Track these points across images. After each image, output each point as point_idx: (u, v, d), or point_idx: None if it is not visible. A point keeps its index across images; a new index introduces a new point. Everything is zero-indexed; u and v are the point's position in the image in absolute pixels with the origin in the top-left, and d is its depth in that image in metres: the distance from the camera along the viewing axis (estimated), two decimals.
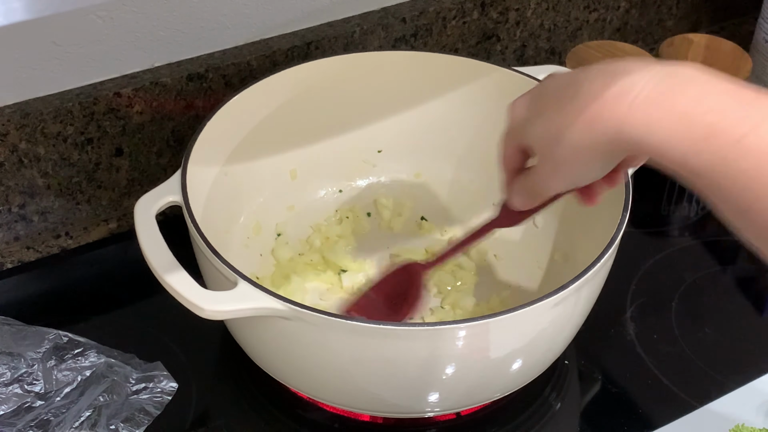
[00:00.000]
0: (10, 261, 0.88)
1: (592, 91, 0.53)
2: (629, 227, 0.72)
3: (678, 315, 0.85)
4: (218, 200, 0.81)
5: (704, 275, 0.90)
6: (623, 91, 0.52)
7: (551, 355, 0.74)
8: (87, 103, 0.85)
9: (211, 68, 0.89)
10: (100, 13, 0.83)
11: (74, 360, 0.76)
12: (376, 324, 0.63)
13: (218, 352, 0.81)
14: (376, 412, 0.74)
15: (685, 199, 0.99)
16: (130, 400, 0.74)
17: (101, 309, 0.84)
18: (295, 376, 0.72)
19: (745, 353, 0.82)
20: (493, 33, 1.04)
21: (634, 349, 0.82)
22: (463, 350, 0.66)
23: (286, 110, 0.86)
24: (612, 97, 0.52)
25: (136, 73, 0.88)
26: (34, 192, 0.87)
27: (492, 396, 0.74)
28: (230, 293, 0.64)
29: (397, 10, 0.98)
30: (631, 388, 0.79)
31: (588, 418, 0.78)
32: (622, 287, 0.87)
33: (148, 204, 0.70)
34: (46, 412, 0.72)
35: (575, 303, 0.69)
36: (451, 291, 0.84)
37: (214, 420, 0.75)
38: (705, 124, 0.50)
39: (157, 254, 0.66)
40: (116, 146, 0.89)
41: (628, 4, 1.13)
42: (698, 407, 0.76)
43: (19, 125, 0.82)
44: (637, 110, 0.52)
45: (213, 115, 0.79)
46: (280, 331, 0.66)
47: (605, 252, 0.68)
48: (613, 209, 0.72)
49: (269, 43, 0.93)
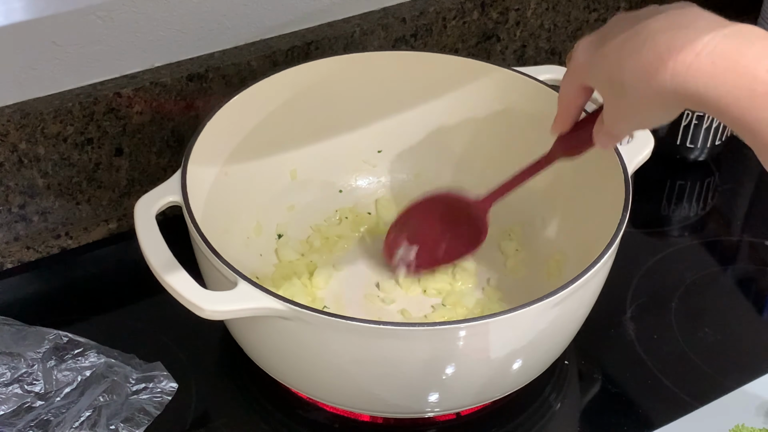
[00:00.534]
0: (10, 261, 0.88)
1: (659, 44, 0.54)
2: (629, 227, 0.72)
3: (678, 315, 0.85)
4: (218, 200, 0.81)
5: (704, 275, 0.90)
6: (688, 46, 0.53)
7: (551, 355, 0.74)
8: (87, 103, 0.85)
9: (211, 68, 0.89)
10: (100, 13, 0.83)
11: (74, 360, 0.76)
12: (376, 324, 0.63)
13: (218, 352, 0.81)
14: (376, 412, 0.74)
15: (685, 199, 0.99)
16: (130, 400, 0.74)
17: (101, 309, 0.84)
18: (295, 376, 0.72)
19: (745, 353, 0.82)
20: (493, 33, 1.04)
21: (634, 349, 0.82)
22: (463, 350, 0.66)
23: (286, 110, 0.86)
24: (677, 51, 0.53)
25: (136, 73, 0.88)
26: (34, 192, 0.87)
27: (492, 396, 0.74)
28: (230, 293, 0.64)
29: (397, 10, 0.98)
30: (631, 388, 0.79)
31: (588, 418, 0.78)
32: (622, 287, 0.87)
33: (148, 204, 0.70)
34: (46, 412, 0.72)
35: (575, 303, 0.69)
36: (452, 290, 0.84)
37: (214, 420, 0.75)
38: (766, 82, 0.50)
39: (157, 254, 0.66)
40: (116, 146, 0.89)
41: (628, 4, 1.13)
42: (698, 407, 0.76)
43: (19, 125, 0.82)
44: (700, 65, 0.52)
45: (213, 115, 0.79)
46: (280, 331, 0.66)
47: (605, 252, 0.68)
48: (613, 209, 0.72)
49: (269, 43, 0.93)
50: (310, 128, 0.89)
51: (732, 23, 0.54)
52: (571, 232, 0.83)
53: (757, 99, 0.50)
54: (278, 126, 0.86)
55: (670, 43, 0.54)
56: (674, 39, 0.54)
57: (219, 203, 0.81)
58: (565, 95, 0.67)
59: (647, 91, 0.56)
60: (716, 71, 0.52)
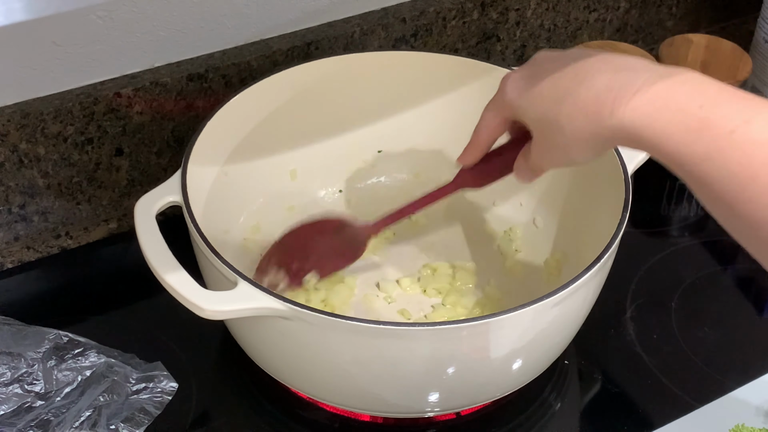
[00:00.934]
0: (10, 261, 0.88)
1: (597, 85, 0.56)
2: (629, 227, 0.72)
3: (678, 315, 0.85)
4: (218, 200, 0.80)
5: (704, 275, 0.90)
6: (627, 87, 0.55)
7: (551, 355, 0.74)
8: (87, 103, 0.85)
9: (211, 68, 0.89)
10: (100, 13, 0.83)
11: (74, 360, 0.76)
12: (376, 324, 0.63)
13: (218, 352, 0.81)
14: (376, 412, 0.74)
15: (685, 199, 0.99)
16: (130, 400, 0.74)
17: (101, 309, 0.84)
18: (295, 376, 0.72)
19: (745, 353, 0.82)
20: (493, 33, 1.04)
21: (634, 349, 0.82)
22: (464, 350, 0.66)
23: (286, 110, 0.86)
24: (616, 92, 0.55)
25: (136, 73, 0.88)
26: (35, 192, 0.87)
27: (492, 396, 0.74)
28: (230, 293, 0.64)
29: (397, 10, 0.98)
30: (631, 388, 0.79)
31: (588, 418, 0.78)
32: (622, 287, 0.87)
33: (148, 204, 0.70)
34: (46, 412, 0.72)
35: (575, 303, 0.69)
36: (451, 290, 0.84)
37: (214, 420, 0.75)
38: (698, 118, 0.52)
39: (157, 254, 0.66)
40: (116, 146, 0.89)
41: (628, 4, 1.13)
42: (698, 407, 0.76)
43: (19, 125, 0.82)
44: (638, 105, 0.54)
45: (213, 115, 0.79)
46: (280, 331, 0.66)
47: (605, 252, 0.68)
48: (613, 209, 0.72)
49: (269, 43, 0.93)
50: (310, 128, 0.89)
51: (664, 66, 0.56)
52: (571, 232, 0.83)
53: (690, 134, 0.52)
54: (278, 126, 0.86)
55: (608, 84, 0.56)
56: (612, 80, 0.56)
57: (219, 203, 0.81)
58: (484, 128, 0.68)
59: (583, 131, 0.57)
60: (653, 110, 0.53)
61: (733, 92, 0.53)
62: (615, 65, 0.57)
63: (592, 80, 0.57)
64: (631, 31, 1.16)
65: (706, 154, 0.51)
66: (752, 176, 0.50)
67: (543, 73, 0.61)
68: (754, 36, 1.08)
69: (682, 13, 1.19)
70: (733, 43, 1.02)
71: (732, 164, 0.50)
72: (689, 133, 0.52)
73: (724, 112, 0.52)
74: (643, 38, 1.18)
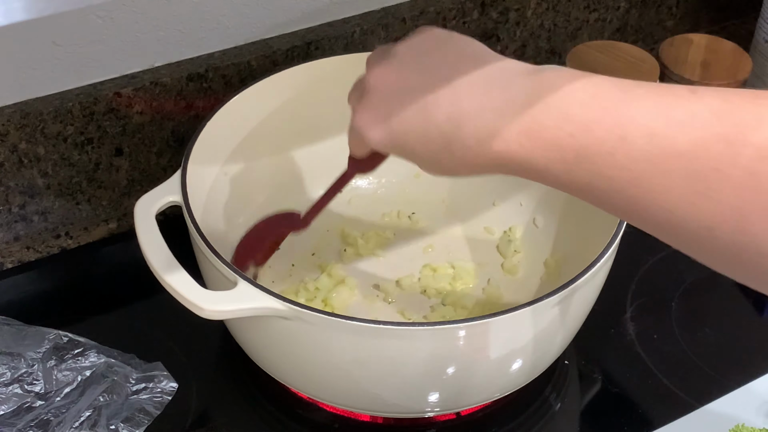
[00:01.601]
0: (10, 261, 0.88)
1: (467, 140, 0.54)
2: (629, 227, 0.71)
3: (678, 315, 0.85)
4: (218, 200, 0.80)
5: (704, 275, 0.90)
6: (493, 134, 0.52)
7: (551, 355, 0.74)
8: (87, 103, 0.85)
9: (211, 68, 0.89)
10: (100, 13, 0.83)
11: (74, 360, 0.76)
12: (376, 324, 0.63)
13: (218, 352, 0.81)
14: (376, 412, 0.74)
15: None
16: (130, 400, 0.74)
17: (101, 309, 0.84)
18: (295, 376, 0.72)
19: (745, 353, 0.82)
20: (493, 33, 1.04)
21: (634, 349, 0.82)
22: (464, 350, 0.66)
23: (286, 110, 0.86)
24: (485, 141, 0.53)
25: (136, 73, 0.88)
26: (34, 192, 0.87)
27: (492, 396, 0.74)
28: (230, 293, 0.64)
29: (397, 10, 0.98)
30: (631, 388, 0.79)
31: (588, 418, 0.78)
32: (622, 287, 0.87)
33: (148, 204, 0.70)
34: (46, 412, 0.72)
35: (575, 303, 0.69)
36: (451, 290, 0.84)
37: (214, 420, 0.75)
38: (573, 149, 0.49)
39: (157, 254, 0.66)
40: (116, 146, 0.89)
41: (628, 4, 1.13)
42: (698, 407, 0.76)
43: (19, 125, 0.82)
44: (510, 147, 0.52)
45: (213, 115, 0.79)
46: (280, 331, 0.66)
47: (605, 252, 0.68)
48: None
49: (269, 43, 0.93)
50: (310, 128, 0.88)
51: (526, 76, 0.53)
52: (571, 232, 0.83)
53: (568, 165, 0.50)
54: (278, 126, 0.86)
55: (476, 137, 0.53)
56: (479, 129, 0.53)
57: (219, 203, 0.81)
58: (355, 147, 0.68)
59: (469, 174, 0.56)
60: (526, 151, 0.51)
61: (600, 101, 0.49)
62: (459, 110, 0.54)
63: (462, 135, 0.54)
64: (631, 31, 1.16)
65: (589, 184, 0.50)
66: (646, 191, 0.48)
67: (393, 109, 0.59)
68: (754, 36, 1.08)
69: (682, 13, 1.19)
70: (733, 43, 1.02)
71: (620, 183, 0.48)
72: (567, 164, 0.50)
73: (597, 134, 0.49)
74: (643, 38, 1.18)
